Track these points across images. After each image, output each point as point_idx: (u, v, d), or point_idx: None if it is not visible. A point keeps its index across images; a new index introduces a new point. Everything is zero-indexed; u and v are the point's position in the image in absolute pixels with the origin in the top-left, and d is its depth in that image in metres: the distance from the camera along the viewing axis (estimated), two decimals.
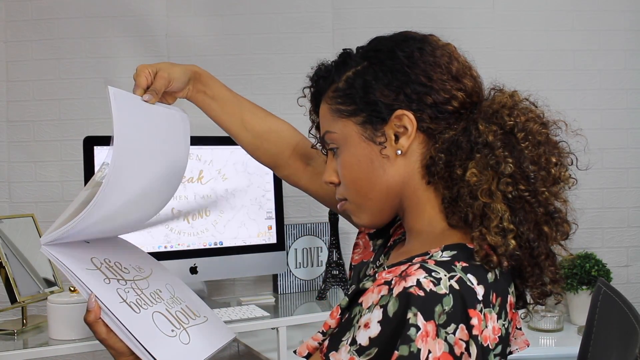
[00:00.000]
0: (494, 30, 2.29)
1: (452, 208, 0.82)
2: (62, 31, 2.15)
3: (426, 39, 0.87)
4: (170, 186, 1.04)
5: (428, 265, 0.73)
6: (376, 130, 0.85)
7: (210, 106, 1.11)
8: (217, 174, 1.94)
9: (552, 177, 0.80)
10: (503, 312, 0.78)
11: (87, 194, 0.89)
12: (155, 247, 1.86)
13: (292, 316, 1.85)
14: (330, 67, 0.92)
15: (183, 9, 2.21)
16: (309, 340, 0.80)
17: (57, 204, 2.12)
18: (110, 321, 0.87)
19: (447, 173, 0.82)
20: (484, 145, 0.80)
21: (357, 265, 1.05)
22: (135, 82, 0.98)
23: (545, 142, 0.81)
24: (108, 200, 0.86)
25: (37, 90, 2.14)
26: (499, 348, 0.77)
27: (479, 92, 0.87)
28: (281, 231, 2.03)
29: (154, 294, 0.96)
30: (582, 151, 0.87)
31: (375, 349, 0.70)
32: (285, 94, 2.15)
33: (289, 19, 2.24)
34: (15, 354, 1.48)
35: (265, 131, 1.13)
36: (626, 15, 2.32)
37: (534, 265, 0.81)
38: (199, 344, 0.95)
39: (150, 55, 2.17)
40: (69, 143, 2.13)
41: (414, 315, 0.69)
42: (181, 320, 0.96)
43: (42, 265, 1.75)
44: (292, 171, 1.16)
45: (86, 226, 0.88)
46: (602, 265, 2.12)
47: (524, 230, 0.78)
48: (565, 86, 2.30)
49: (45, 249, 0.88)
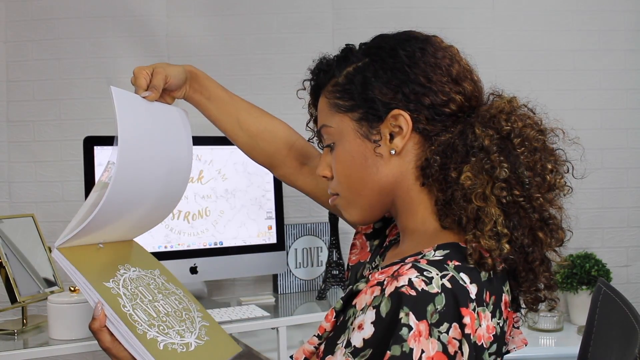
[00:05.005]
0: (493, 31, 2.29)
1: (446, 210, 0.82)
2: (62, 31, 2.15)
3: (429, 40, 0.87)
4: (178, 184, 1.05)
5: (420, 264, 0.73)
6: (372, 127, 0.85)
7: (206, 106, 1.12)
8: (217, 174, 1.94)
9: (547, 183, 0.80)
10: (497, 311, 0.78)
11: (95, 196, 0.90)
12: (155, 247, 1.86)
13: (292, 316, 1.85)
14: (331, 61, 0.92)
15: (183, 9, 2.21)
16: (305, 344, 0.80)
17: (57, 204, 2.12)
18: (115, 330, 0.87)
19: (441, 175, 0.82)
20: (479, 149, 0.80)
21: (354, 265, 1.05)
22: (136, 85, 0.98)
23: (542, 148, 0.81)
24: (116, 200, 0.87)
25: (37, 90, 2.14)
26: (494, 347, 0.77)
27: (478, 97, 0.87)
28: (281, 231, 2.03)
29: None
30: (579, 160, 0.87)
31: (369, 350, 0.70)
32: (285, 94, 2.15)
33: (289, 19, 2.24)
34: (15, 354, 1.48)
35: (260, 131, 1.13)
36: (626, 15, 2.31)
37: (528, 270, 0.81)
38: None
39: (150, 56, 2.17)
40: (69, 143, 2.13)
41: (405, 314, 0.69)
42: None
43: (42, 265, 1.75)
44: (288, 171, 1.16)
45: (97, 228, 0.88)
46: (602, 265, 2.13)
47: (518, 235, 0.78)
48: (565, 86, 2.30)
49: (56, 253, 0.88)
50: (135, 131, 0.92)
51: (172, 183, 1.03)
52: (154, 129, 0.98)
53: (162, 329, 0.92)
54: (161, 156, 0.98)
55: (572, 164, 0.84)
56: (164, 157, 0.99)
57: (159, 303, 0.96)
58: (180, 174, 1.05)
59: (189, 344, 0.94)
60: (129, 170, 0.89)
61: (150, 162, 0.95)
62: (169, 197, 1.05)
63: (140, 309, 0.91)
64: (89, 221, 0.86)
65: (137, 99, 0.96)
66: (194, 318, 1.00)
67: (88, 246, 0.93)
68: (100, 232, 0.92)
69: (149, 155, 0.95)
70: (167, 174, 1.00)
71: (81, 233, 0.87)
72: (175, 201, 1.06)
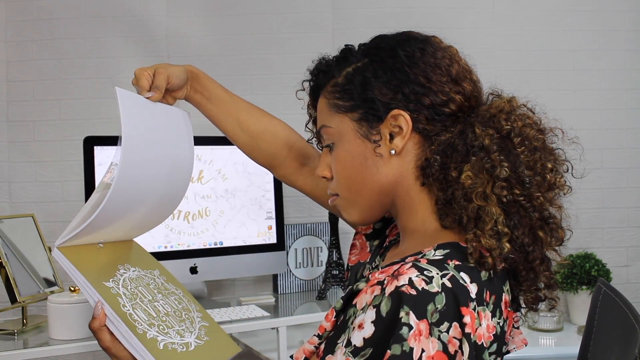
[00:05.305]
0: (493, 31, 2.29)
1: (446, 210, 0.82)
2: (62, 31, 2.15)
3: (428, 40, 0.88)
4: (179, 185, 1.05)
5: (420, 264, 0.73)
6: (372, 128, 0.85)
7: (207, 106, 1.12)
8: (217, 174, 1.94)
9: (547, 182, 0.80)
10: (498, 310, 0.78)
11: (97, 197, 0.91)
12: (155, 247, 1.86)
13: (292, 316, 1.85)
14: (330, 62, 0.92)
15: (183, 9, 2.21)
16: (305, 344, 0.80)
17: (57, 204, 2.12)
18: (115, 329, 0.87)
19: (442, 175, 0.82)
20: (480, 148, 0.80)
21: (354, 266, 1.05)
22: (138, 86, 0.98)
23: (542, 148, 0.81)
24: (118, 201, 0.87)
25: (37, 90, 2.14)
26: (495, 346, 0.77)
27: (478, 97, 0.87)
28: (281, 231, 2.03)
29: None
30: (578, 159, 0.87)
31: (369, 349, 0.71)
32: (285, 94, 2.15)
33: (289, 19, 2.25)
34: (15, 354, 1.48)
35: (260, 131, 1.13)
36: (626, 15, 2.31)
37: (529, 269, 0.81)
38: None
39: (150, 56, 2.17)
40: (69, 143, 2.13)
41: (406, 314, 0.69)
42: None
43: (42, 265, 1.75)
44: (288, 171, 1.16)
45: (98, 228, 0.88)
46: (602, 265, 2.13)
47: (518, 234, 0.78)
48: (565, 86, 2.30)
49: (56, 252, 0.88)
50: (139, 132, 0.92)
51: (174, 184, 1.03)
52: (157, 129, 0.98)
53: (162, 328, 0.92)
54: (164, 157, 0.98)
55: (571, 163, 0.85)
56: (166, 158, 0.99)
57: (159, 303, 0.96)
58: (182, 174, 1.05)
59: (188, 343, 0.94)
60: (132, 171, 0.89)
61: (153, 163, 0.96)
62: (171, 198, 1.05)
63: (140, 309, 0.91)
64: (90, 221, 0.86)
65: (141, 99, 0.97)
66: (194, 318, 1.01)
67: (88, 246, 0.93)
68: (101, 232, 0.92)
69: (151, 156, 0.95)
70: (169, 174, 1.00)
71: (82, 233, 0.87)
72: (176, 202, 1.07)
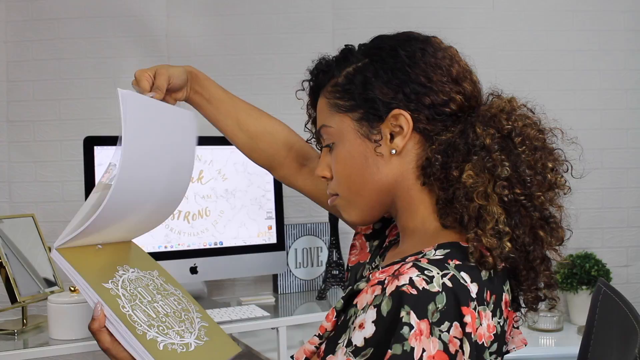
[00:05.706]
0: (493, 31, 2.29)
1: (447, 209, 0.82)
2: (62, 31, 2.15)
3: (429, 40, 0.88)
4: (179, 186, 1.05)
5: (421, 263, 0.74)
6: (372, 127, 0.85)
7: (206, 107, 1.12)
8: (217, 174, 1.94)
9: (547, 182, 0.80)
10: (498, 310, 0.78)
11: (96, 197, 0.90)
12: (155, 247, 1.86)
13: (292, 316, 1.85)
14: (331, 62, 0.92)
15: (183, 9, 2.21)
16: (306, 344, 0.80)
17: (57, 204, 2.12)
18: (115, 330, 0.87)
19: (443, 174, 0.82)
20: (481, 147, 0.80)
21: (353, 266, 1.05)
22: (139, 87, 0.98)
23: (542, 147, 0.82)
24: (118, 202, 0.87)
25: (37, 90, 2.14)
26: (495, 346, 0.77)
27: (478, 97, 0.87)
28: (281, 231, 2.03)
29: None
30: (578, 159, 0.88)
31: (370, 349, 0.71)
32: (285, 94, 2.15)
33: (289, 19, 2.25)
34: (15, 354, 1.48)
35: (260, 132, 1.13)
36: (626, 15, 2.31)
37: (529, 269, 0.81)
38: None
39: (151, 56, 2.17)
40: (69, 143, 2.13)
41: (407, 313, 0.69)
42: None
43: (42, 265, 1.75)
44: (288, 172, 1.16)
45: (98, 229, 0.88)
46: (602, 265, 2.13)
47: (519, 233, 0.78)
48: (565, 86, 2.30)
49: (55, 254, 0.88)
50: (140, 133, 0.91)
51: (175, 185, 1.03)
52: (159, 130, 0.98)
53: (162, 329, 0.92)
54: (165, 158, 0.98)
55: (571, 163, 0.85)
56: (167, 159, 0.99)
57: (158, 304, 0.96)
58: (183, 175, 1.05)
59: (188, 344, 0.94)
60: (132, 172, 0.89)
61: (154, 164, 0.95)
62: (171, 199, 1.05)
63: (139, 310, 0.91)
64: (90, 222, 0.86)
65: (145, 100, 0.96)
66: (193, 319, 1.01)
67: (87, 247, 0.93)
68: (101, 234, 0.92)
69: (152, 157, 0.94)
70: (169, 175, 1.00)
71: (82, 234, 0.87)
72: (176, 202, 1.06)
